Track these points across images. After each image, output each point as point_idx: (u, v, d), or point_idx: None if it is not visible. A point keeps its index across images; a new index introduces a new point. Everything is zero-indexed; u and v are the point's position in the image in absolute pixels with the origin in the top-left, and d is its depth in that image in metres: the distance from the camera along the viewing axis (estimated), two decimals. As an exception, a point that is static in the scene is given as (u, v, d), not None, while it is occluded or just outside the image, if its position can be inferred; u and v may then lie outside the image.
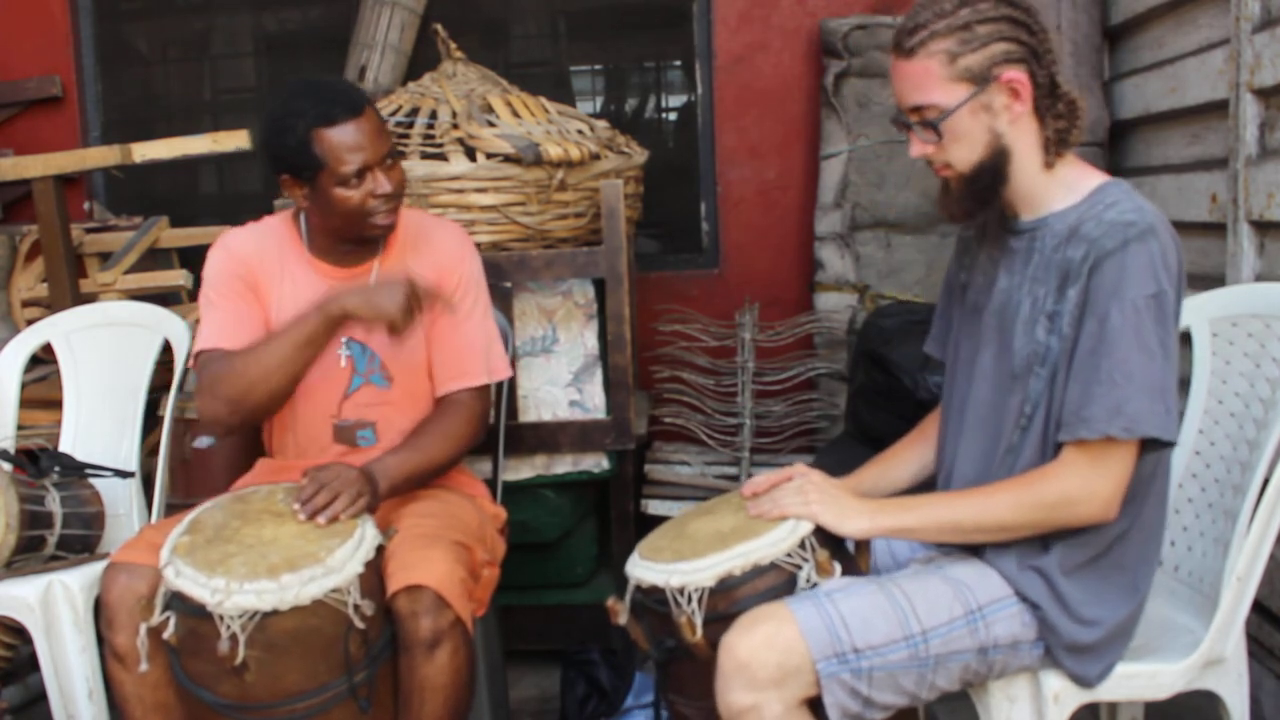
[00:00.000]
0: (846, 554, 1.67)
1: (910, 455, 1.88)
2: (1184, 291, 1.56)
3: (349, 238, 2.05)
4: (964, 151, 1.59)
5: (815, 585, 1.57)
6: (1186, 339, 1.93)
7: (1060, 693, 1.61)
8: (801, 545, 1.58)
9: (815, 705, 1.52)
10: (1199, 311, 1.92)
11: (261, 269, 2.09)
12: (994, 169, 1.59)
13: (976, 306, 1.71)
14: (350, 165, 1.94)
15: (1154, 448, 1.54)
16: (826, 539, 1.62)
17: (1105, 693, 1.64)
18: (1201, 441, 1.86)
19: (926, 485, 1.86)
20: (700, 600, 1.55)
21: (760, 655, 1.48)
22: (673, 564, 1.59)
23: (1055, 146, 1.60)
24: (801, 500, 1.61)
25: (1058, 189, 1.61)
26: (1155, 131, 2.83)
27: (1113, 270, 1.50)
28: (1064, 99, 1.59)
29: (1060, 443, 1.54)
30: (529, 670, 2.84)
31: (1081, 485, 1.52)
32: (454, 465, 2.15)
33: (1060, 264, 1.57)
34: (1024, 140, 1.59)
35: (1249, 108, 2.24)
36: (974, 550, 1.65)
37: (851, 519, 1.60)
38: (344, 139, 1.93)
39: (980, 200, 1.62)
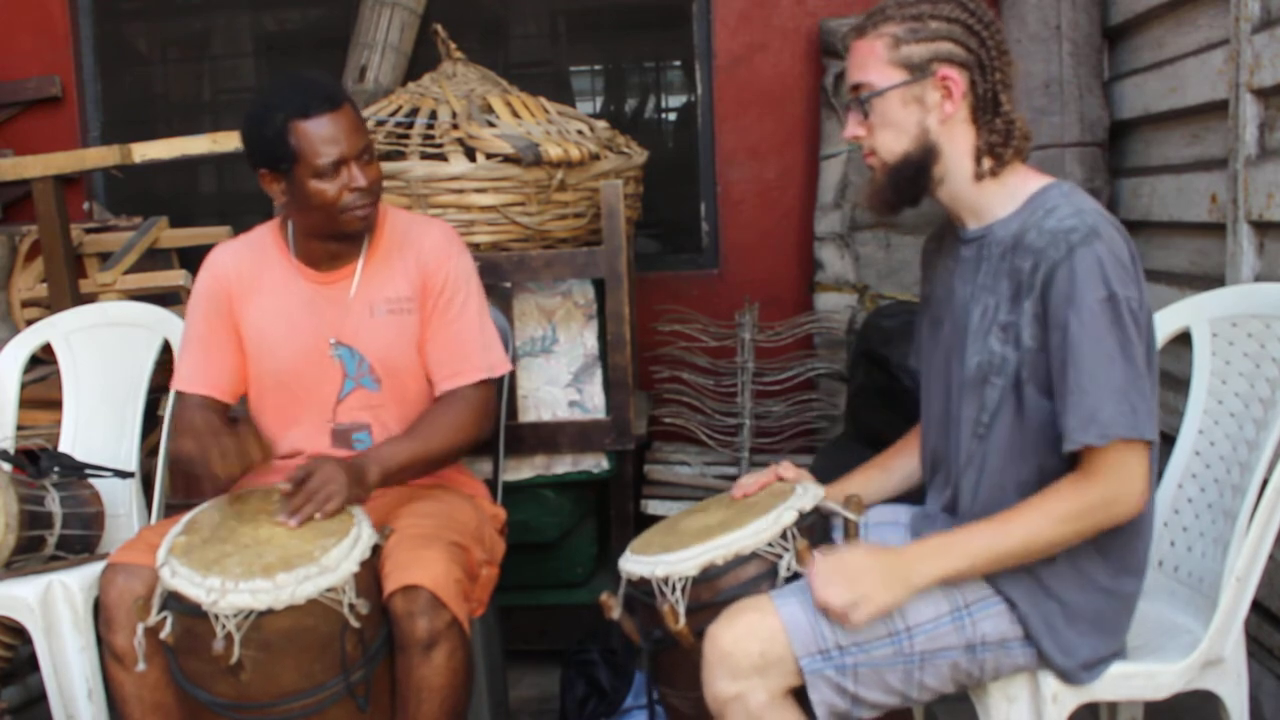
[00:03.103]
0: (830, 544, 1.68)
1: (896, 464, 1.88)
2: (1143, 282, 1.55)
3: (327, 234, 2.05)
4: (890, 140, 1.61)
5: (797, 575, 1.59)
6: (1186, 339, 1.93)
7: (1059, 693, 1.61)
8: (783, 535, 1.62)
9: (805, 702, 1.53)
10: (1199, 311, 1.92)
11: (238, 285, 2.12)
12: (918, 164, 1.61)
13: (939, 319, 1.72)
14: (325, 158, 1.95)
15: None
16: (809, 530, 1.65)
17: (1104, 693, 1.64)
18: (1201, 441, 1.86)
19: (913, 494, 1.86)
20: (684, 589, 1.59)
21: (743, 644, 1.50)
22: (658, 556, 1.64)
23: (988, 159, 1.60)
24: (847, 588, 1.50)
25: (999, 197, 1.62)
26: (1155, 131, 2.83)
27: (1063, 280, 1.50)
28: (1004, 117, 1.59)
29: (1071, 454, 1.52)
30: (529, 670, 2.84)
31: (1112, 486, 1.49)
32: (457, 457, 2.14)
33: (1010, 274, 1.57)
34: (955, 146, 1.60)
35: (1249, 108, 2.24)
36: None
37: (899, 586, 1.50)
38: (320, 131, 1.94)
39: (901, 194, 1.64)
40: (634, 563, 1.68)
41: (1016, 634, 1.59)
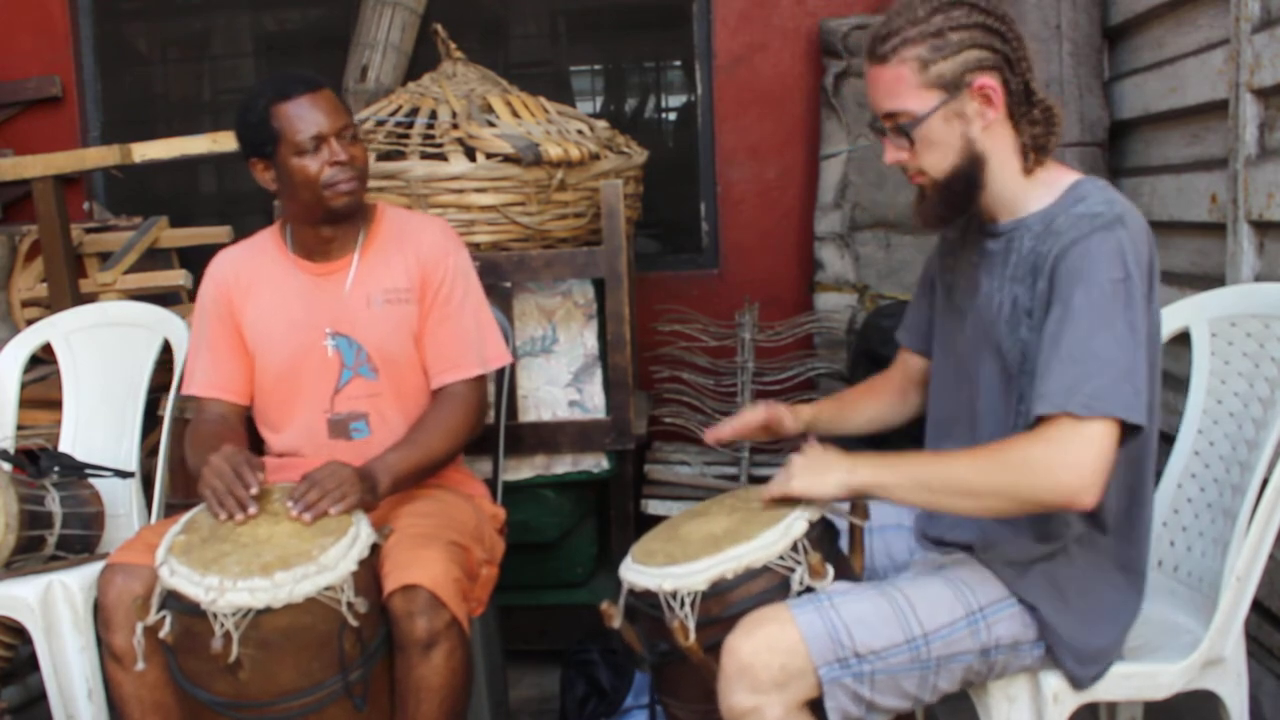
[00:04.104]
0: (840, 554, 1.67)
1: (864, 405, 1.93)
2: (1157, 286, 1.55)
3: (317, 217, 2.08)
4: (937, 158, 1.60)
5: (809, 588, 1.56)
6: (1186, 339, 1.93)
7: (1060, 693, 1.61)
8: (794, 548, 1.57)
9: (816, 706, 1.52)
10: (1199, 311, 1.92)
11: (238, 287, 2.16)
12: (968, 175, 1.60)
13: (960, 310, 1.72)
14: (303, 134, 2.02)
15: (1127, 432, 1.48)
16: (819, 541, 1.61)
17: (1104, 693, 1.64)
18: (1201, 441, 1.86)
19: (875, 440, 1.91)
20: (693, 604, 1.54)
21: (763, 658, 1.48)
22: (665, 568, 1.58)
23: (1033, 153, 1.60)
24: (784, 477, 1.60)
25: (1035, 190, 1.62)
26: (1155, 131, 2.83)
27: (1077, 257, 1.49)
28: (1040, 105, 1.59)
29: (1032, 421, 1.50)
30: (529, 670, 2.84)
31: (1046, 454, 1.45)
32: (454, 458, 2.17)
33: (1035, 259, 1.57)
34: (999, 147, 1.60)
35: (1249, 108, 2.23)
36: (973, 552, 1.65)
37: (829, 475, 1.57)
38: (298, 110, 2.03)
39: (955, 207, 1.63)
40: (638, 573, 1.62)
41: (1029, 637, 1.59)
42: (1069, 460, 1.44)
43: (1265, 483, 1.64)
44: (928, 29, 1.55)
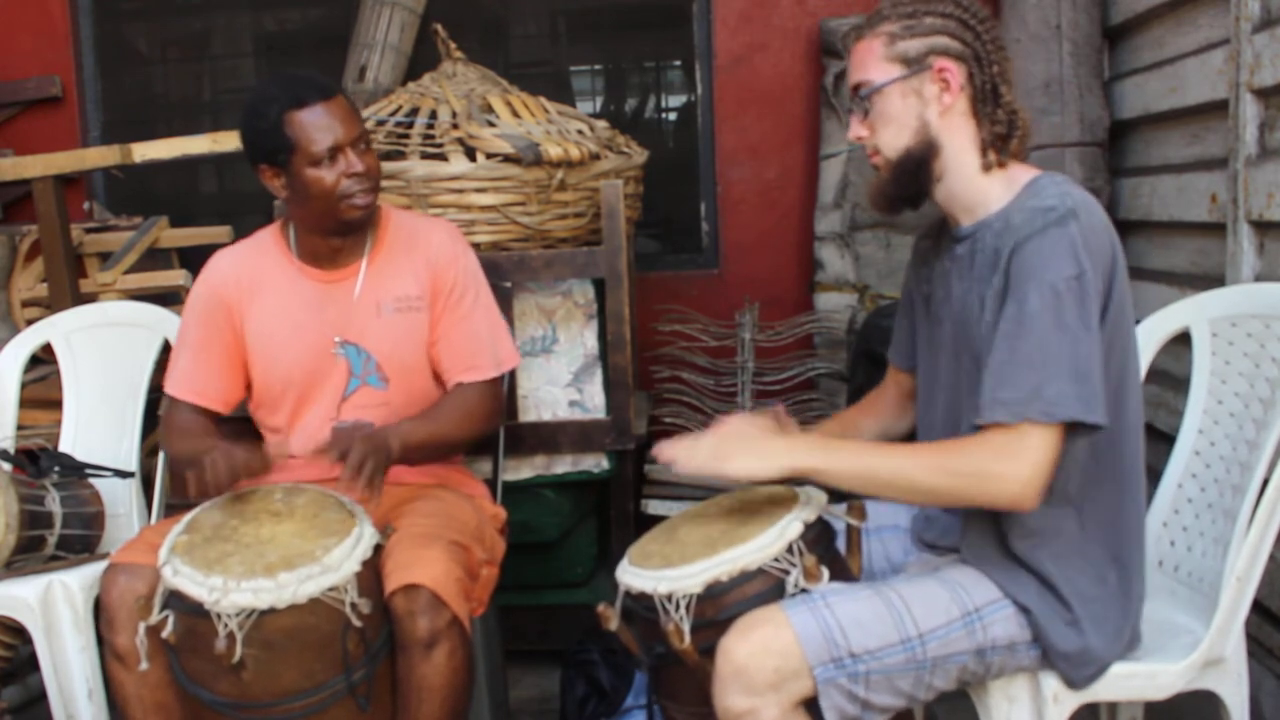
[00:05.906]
0: (837, 556, 1.66)
1: (866, 423, 1.93)
2: (1122, 278, 1.55)
3: (329, 227, 2.06)
4: (891, 135, 1.62)
5: (804, 591, 1.56)
6: (1186, 339, 1.93)
7: (1059, 693, 1.61)
8: (790, 550, 1.57)
9: (813, 706, 1.52)
10: (1199, 311, 1.92)
11: (238, 291, 2.13)
12: (920, 159, 1.61)
13: (940, 318, 1.72)
14: (320, 144, 1.98)
15: (1084, 432, 1.49)
16: (815, 543, 1.60)
17: (1104, 693, 1.64)
18: (1201, 441, 1.86)
19: None
20: (688, 607, 1.54)
21: (758, 659, 1.48)
22: (660, 570, 1.58)
23: (992, 150, 1.61)
24: (714, 455, 1.56)
25: (996, 190, 1.62)
26: (1155, 131, 2.83)
27: (1031, 254, 1.49)
28: (1005, 108, 1.60)
29: (977, 425, 1.51)
30: (529, 670, 2.84)
31: (997, 463, 1.47)
32: (466, 446, 2.18)
33: (992, 256, 1.57)
34: (956, 139, 1.61)
35: (1249, 108, 2.23)
36: (963, 556, 1.65)
37: (770, 460, 1.54)
38: (314, 119, 1.98)
39: (904, 190, 1.64)
40: (634, 576, 1.62)
41: (1025, 638, 1.59)
42: (1022, 469, 1.46)
43: (1265, 483, 1.64)
44: (905, 10, 1.61)
